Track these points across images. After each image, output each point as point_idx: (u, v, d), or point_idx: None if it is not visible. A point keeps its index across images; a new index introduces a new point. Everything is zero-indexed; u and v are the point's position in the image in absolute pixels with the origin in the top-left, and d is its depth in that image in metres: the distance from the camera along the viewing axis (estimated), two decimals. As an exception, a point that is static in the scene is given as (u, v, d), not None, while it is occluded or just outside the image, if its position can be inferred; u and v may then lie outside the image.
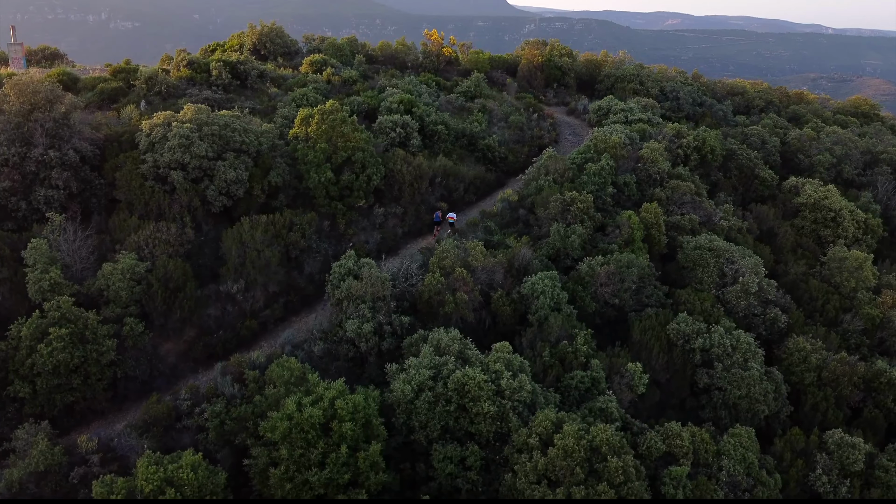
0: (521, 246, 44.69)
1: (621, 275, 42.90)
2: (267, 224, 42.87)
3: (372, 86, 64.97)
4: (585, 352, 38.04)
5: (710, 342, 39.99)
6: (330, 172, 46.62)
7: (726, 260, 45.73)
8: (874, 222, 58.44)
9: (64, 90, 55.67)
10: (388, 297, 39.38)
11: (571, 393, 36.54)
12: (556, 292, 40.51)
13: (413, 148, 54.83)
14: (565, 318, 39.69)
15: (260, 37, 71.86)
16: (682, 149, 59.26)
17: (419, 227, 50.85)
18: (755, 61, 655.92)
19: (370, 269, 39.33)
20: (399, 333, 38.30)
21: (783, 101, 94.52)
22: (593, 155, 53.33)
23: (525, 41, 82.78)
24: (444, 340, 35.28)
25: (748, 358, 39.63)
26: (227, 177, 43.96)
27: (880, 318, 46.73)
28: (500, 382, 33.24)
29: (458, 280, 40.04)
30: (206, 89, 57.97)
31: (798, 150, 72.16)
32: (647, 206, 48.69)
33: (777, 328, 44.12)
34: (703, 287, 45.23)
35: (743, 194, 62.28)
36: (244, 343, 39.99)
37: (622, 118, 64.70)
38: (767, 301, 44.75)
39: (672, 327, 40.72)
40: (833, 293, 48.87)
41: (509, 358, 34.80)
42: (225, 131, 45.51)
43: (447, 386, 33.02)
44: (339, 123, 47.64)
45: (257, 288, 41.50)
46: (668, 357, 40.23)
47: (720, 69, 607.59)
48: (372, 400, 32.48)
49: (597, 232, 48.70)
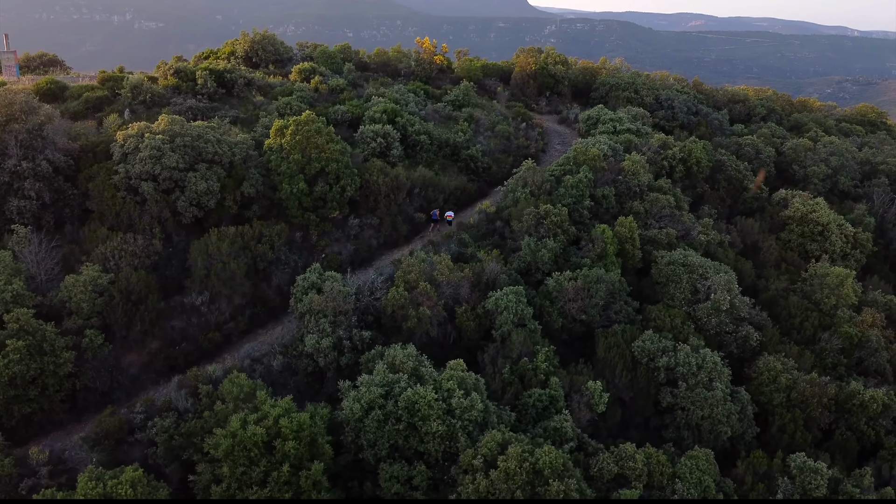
0: (491, 260, 44.37)
1: (589, 290, 42.45)
2: (235, 235, 43.04)
3: (360, 94, 65.01)
4: (545, 369, 37.64)
5: (676, 361, 39.41)
6: (303, 183, 46.67)
7: (699, 276, 45.06)
8: (863, 237, 57.34)
9: (52, 99, 56.92)
10: (350, 312, 39.31)
11: (528, 411, 36.17)
12: (520, 308, 40.15)
13: (393, 158, 54.75)
14: (528, 334, 39.34)
15: (252, 44, 72.22)
16: (668, 160, 58.56)
17: (395, 239, 50.73)
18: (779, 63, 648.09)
19: (332, 284, 39.27)
20: (359, 348, 38.21)
21: (786, 109, 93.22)
22: (572, 167, 52.87)
23: (520, 48, 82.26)
24: (399, 358, 35.10)
25: (713, 378, 39.00)
26: (197, 188, 44.20)
27: (858, 337, 45.78)
28: (451, 401, 32.98)
29: (422, 294, 39.87)
30: (191, 98, 58.36)
31: (793, 160, 71.04)
32: (622, 219, 48.14)
33: (749, 346, 43.40)
34: (675, 303, 44.60)
35: (731, 206, 61.44)
36: (206, 355, 40.16)
37: (610, 128, 64.08)
38: (740, 319, 44.02)
39: (637, 345, 40.23)
40: (812, 310, 47.97)
41: (462, 376, 34.54)
42: (198, 142, 45.76)
43: (398, 404, 32.86)
44: (313, 134, 47.67)
45: (222, 300, 41.62)
46: (631, 375, 39.74)
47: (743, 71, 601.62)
48: (319, 418, 32.43)
49: (571, 245, 48.24)
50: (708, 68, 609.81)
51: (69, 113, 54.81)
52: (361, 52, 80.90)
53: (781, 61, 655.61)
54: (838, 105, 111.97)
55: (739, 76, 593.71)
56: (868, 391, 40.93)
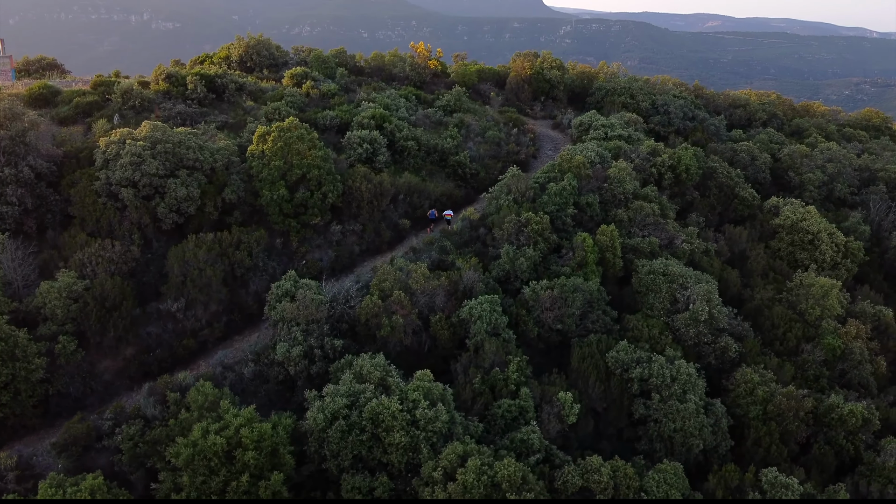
0: (469, 268, 44.27)
1: (565, 299, 42.24)
2: (212, 242, 43.20)
3: (351, 99, 65.07)
4: (516, 379, 37.51)
5: (650, 372, 39.12)
6: (284, 189, 46.79)
7: (679, 285, 44.69)
8: (854, 246, 56.60)
9: (44, 104, 57.38)
10: (323, 320, 39.35)
11: (497, 422, 36.08)
12: (494, 317, 40.02)
13: (379, 164, 54.77)
14: (501, 343, 39.21)
15: (246, 49, 72.44)
16: (657, 167, 58.12)
17: (378, 245, 50.75)
18: (797, 65, 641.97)
19: (305, 292, 39.32)
20: (330, 357, 38.24)
21: (788, 114, 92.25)
22: (557, 174, 52.63)
23: (516, 53, 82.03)
24: (366, 367, 35.10)
25: (687, 389, 38.68)
26: (177, 194, 44.42)
27: (842, 349, 45.19)
28: (415, 413, 32.93)
29: (396, 303, 39.84)
30: (181, 103, 58.62)
31: (789, 167, 70.28)
32: (604, 228, 47.86)
33: (728, 358, 42.98)
34: (654, 313, 44.28)
35: (721, 214, 60.89)
36: (181, 362, 40.34)
37: (602, 134, 63.73)
38: (719, 329, 43.61)
39: (611, 355, 39.99)
40: (796, 321, 47.45)
41: (429, 387, 34.46)
42: (179, 149, 45.99)
43: (362, 415, 32.86)
44: (295, 140, 47.78)
45: (199, 306, 41.79)
46: (605, 386, 39.52)
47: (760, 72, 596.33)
48: (282, 428, 32.47)
49: (553, 253, 48.04)
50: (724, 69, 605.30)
51: (59, 118, 55.27)
52: (358, 56, 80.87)
53: (799, 62, 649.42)
54: (851, 109, 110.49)
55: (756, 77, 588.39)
56: (847, 405, 40.40)
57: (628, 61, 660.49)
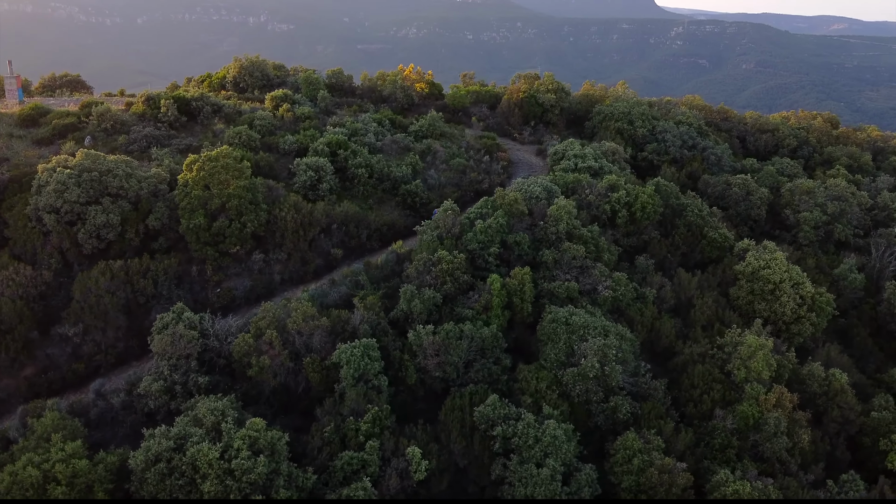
0: (363, 307, 43.80)
1: (448, 347, 41.02)
2: (118, 270, 44.86)
3: (324, 123, 65.72)
4: (367, 431, 36.74)
5: (513, 431, 37.36)
6: (202, 218, 47.92)
7: (579, 337, 42.38)
8: (823, 300, 51.68)
9: (31, 124, 61.34)
10: (193, 356, 40.04)
11: (336, 474, 35.53)
12: (364, 363, 39.37)
13: (322, 192, 55.06)
14: (365, 391, 38.54)
15: (240, 70, 74.64)
16: (611, 204, 55.28)
17: (303, 275, 51.02)
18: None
19: (175, 327, 40.13)
20: (193, 393, 38.86)
21: (822, 141, 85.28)
22: (489, 210, 51.11)
23: (517, 74, 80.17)
24: (202, 410, 35.45)
25: (549, 453, 36.59)
26: (97, 221, 46.44)
27: (756, 418, 41.41)
28: (232, 462, 33.00)
29: (266, 343, 40.02)
30: (151, 125, 61.14)
31: (787, 204, 65.08)
32: (516, 270, 46.07)
33: (618, 419, 40.36)
34: (548, 365, 42.23)
35: (686, 255, 57.12)
36: (70, 385, 42.23)
37: (571, 165, 61.27)
38: (611, 388, 41.00)
39: (479, 410, 38.43)
40: (720, 382, 43.93)
41: (256, 435, 34.36)
42: (105, 177, 48.06)
43: (183, 460, 33.27)
44: (219, 170, 48.82)
45: (96, 332, 43.55)
46: (467, 442, 38.07)
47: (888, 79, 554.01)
48: (103, 466, 33.37)
49: (462, 294, 46.73)
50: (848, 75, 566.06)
51: (36, 139, 59.02)
52: (363, 75, 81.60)
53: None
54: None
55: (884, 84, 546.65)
56: (735, 483, 37.06)
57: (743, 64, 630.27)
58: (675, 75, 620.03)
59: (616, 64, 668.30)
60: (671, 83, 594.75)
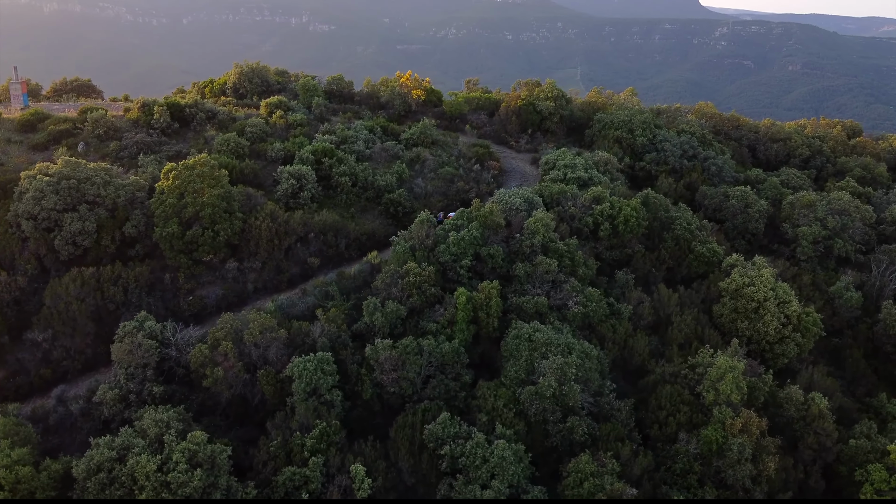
0: (325, 320, 43.68)
1: (404, 362, 40.63)
2: (89, 277, 45.52)
3: (316, 129, 65.81)
4: (312, 446, 36.59)
5: (462, 450, 36.82)
6: (175, 226, 48.34)
7: (540, 355, 41.56)
8: (810, 319, 49.81)
9: (30, 129, 62.70)
10: (151, 365, 40.39)
11: (278, 490, 35.44)
12: (315, 377, 39.24)
13: (303, 200, 55.11)
14: (316, 406, 38.39)
15: (239, 76, 75.24)
16: (594, 216, 54.15)
17: (277, 283, 51.09)
18: None
19: (134, 336, 40.52)
20: (148, 402, 39.18)
21: (837, 151, 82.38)
22: (464, 222, 50.52)
23: (518, 81, 79.17)
24: (147, 421, 35.72)
25: (496, 474, 35.92)
26: (72, 228, 47.21)
27: (720, 443, 40.02)
28: (168, 475, 33.17)
29: (221, 355, 40.15)
30: (143, 132, 61.95)
31: (786, 217, 62.97)
32: (484, 284, 45.40)
33: (575, 440, 39.44)
34: (508, 382, 41.52)
35: (672, 269, 55.64)
36: (38, 390, 42.93)
37: (560, 175, 60.23)
38: (569, 408, 40.07)
39: (429, 429, 37.96)
40: (687, 404, 42.61)
41: (195, 449, 34.48)
42: (84, 184, 48.84)
43: (123, 471, 33.58)
44: (194, 179, 49.21)
45: (65, 338, 44.25)
46: (415, 460, 37.64)
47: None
48: (47, 474, 33.86)
49: (431, 307, 46.25)
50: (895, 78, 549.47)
51: (32, 144, 60.31)
52: (367, 81, 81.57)
53: None
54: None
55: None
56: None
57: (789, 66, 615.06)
58: (719, 77, 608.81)
59: (657, 65, 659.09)
60: (714, 85, 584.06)
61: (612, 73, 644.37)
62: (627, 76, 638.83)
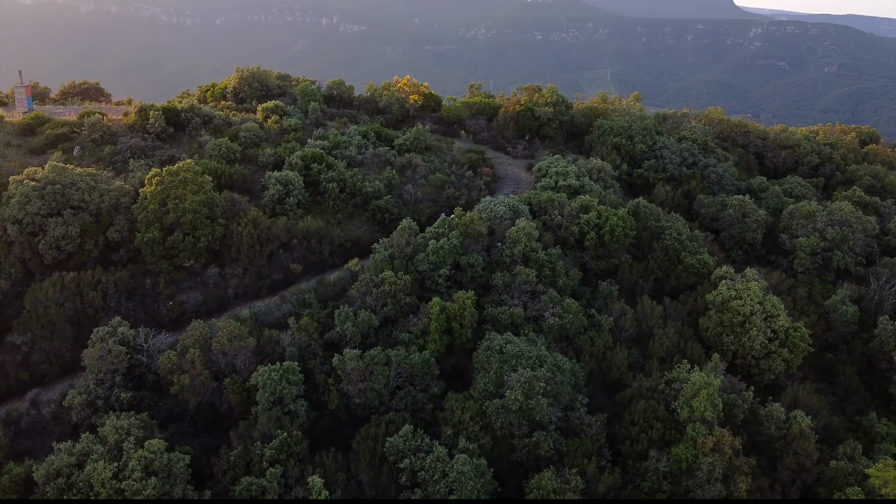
0: (298, 328, 43.69)
1: (371, 372, 40.42)
2: (69, 281, 46.09)
3: (310, 134, 65.88)
4: (271, 457, 36.55)
5: (422, 464, 36.49)
6: (157, 232, 48.73)
7: (510, 367, 41.03)
8: (798, 335, 48.49)
9: (30, 133, 63.76)
10: (120, 371, 40.74)
11: (237, 499, 35.49)
12: (280, 386, 39.23)
13: (289, 206, 55.20)
14: (275, 416, 38.37)
15: (239, 81, 75.69)
16: (580, 225, 53.38)
17: (258, 289, 51.21)
18: None
19: (105, 342, 40.90)
20: (115, 408, 39.55)
21: (847, 158, 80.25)
22: (445, 230, 50.14)
23: (518, 86, 78.46)
24: (108, 428, 36.02)
25: (455, 489, 35.55)
26: (56, 233, 47.84)
27: (690, 461, 39.09)
28: (123, 483, 33.42)
29: (188, 362, 40.34)
30: (138, 136, 62.60)
31: (785, 228, 61.44)
32: (458, 294, 45.01)
33: (541, 455, 38.83)
34: (476, 395, 41.06)
35: (661, 280, 54.56)
36: (14, 393, 43.56)
37: (551, 183, 59.54)
38: (536, 422, 39.47)
39: (390, 441, 37.69)
40: (661, 421, 41.71)
41: (151, 457, 34.66)
42: (69, 190, 49.48)
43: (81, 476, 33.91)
44: (176, 185, 49.56)
45: (44, 342, 44.85)
46: (375, 473, 37.38)
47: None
48: (8, 477, 34.38)
49: (405, 317, 45.99)
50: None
51: (30, 148, 61.35)
52: (368, 85, 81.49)
53: None
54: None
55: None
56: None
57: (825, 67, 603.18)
58: (752, 78, 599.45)
59: (690, 65, 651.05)
60: (747, 86, 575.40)
61: (644, 73, 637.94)
62: (659, 77, 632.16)
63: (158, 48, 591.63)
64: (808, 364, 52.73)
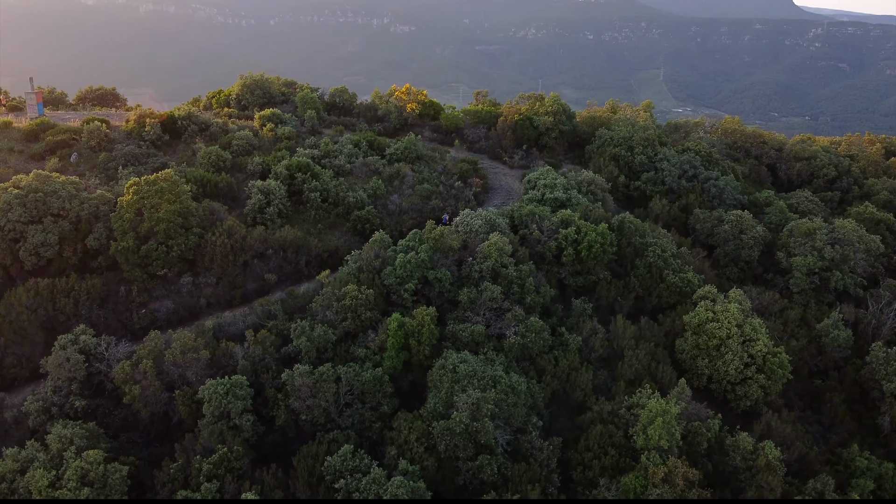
0: (253, 342, 43.81)
1: (318, 389, 40.25)
2: (43, 288, 47.21)
3: (302, 142, 66.19)
4: (208, 472, 36.71)
5: (357, 485, 36.16)
6: (131, 241, 49.53)
7: (461, 387, 40.31)
8: (776, 360, 46.38)
9: (34, 139, 65.67)
10: (77, 379, 41.50)
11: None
12: (226, 400, 39.39)
13: (269, 215, 55.47)
14: (217, 431, 38.55)
15: (242, 88, 76.51)
16: (558, 241, 52.17)
17: (230, 299, 51.58)
18: None
19: (66, 350, 41.71)
20: (70, 416, 40.33)
21: (868, 171, 76.57)
22: (416, 244, 49.64)
23: (520, 94, 77.27)
24: (52, 436, 36.74)
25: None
26: (35, 240, 49.09)
27: (639, 492, 37.72)
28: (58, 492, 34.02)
29: (140, 373, 40.83)
30: (134, 144, 63.81)
31: (783, 245, 58.92)
32: (419, 310, 44.45)
33: (484, 479, 38.06)
34: (426, 414, 40.47)
35: (641, 299, 52.91)
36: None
37: (538, 195, 58.42)
38: (483, 445, 38.67)
39: (329, 461, 37.45)
40: (616, 447, 40.44)
41: (87, 468, 35.18)
42: (50, 198, 50.70)
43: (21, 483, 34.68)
44: (152, 194, 50.28)
45: (15, 346, 46.03)
46: (312, 492, 37.20)
47: None
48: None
49: (365, 332, 45.68)
50: None
51: (30, 154, 63.15)
52: (375, 92, 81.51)
53: None
54: None
55: None
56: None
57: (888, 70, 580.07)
58: (812, 79, 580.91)
59: (746, 66, 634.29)
60: (806, 88, 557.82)
61: (697, 74, 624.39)
62: (714, 78, 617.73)
63: (215, 48, 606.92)
64: (793, 390, 50.56)
